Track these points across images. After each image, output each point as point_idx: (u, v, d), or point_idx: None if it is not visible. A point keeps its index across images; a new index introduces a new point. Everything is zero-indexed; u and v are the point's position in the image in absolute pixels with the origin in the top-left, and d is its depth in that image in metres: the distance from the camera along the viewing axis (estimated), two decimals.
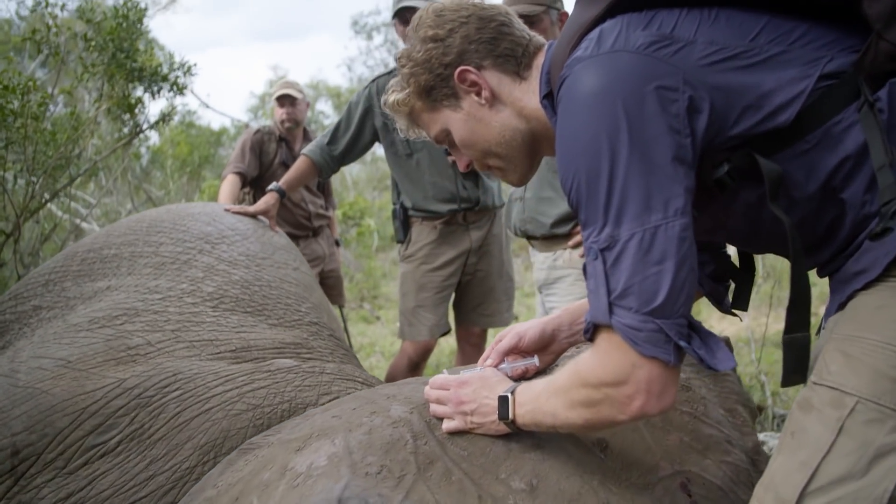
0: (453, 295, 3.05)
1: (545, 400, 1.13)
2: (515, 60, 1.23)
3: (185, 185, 7.94)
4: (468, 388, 1.24)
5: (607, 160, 0.98)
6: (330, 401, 1.62)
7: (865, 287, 1.01)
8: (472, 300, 3.06)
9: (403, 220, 2.93)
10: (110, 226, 2.36)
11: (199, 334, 1.78)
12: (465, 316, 3.12)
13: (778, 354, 4.36)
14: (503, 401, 1.18)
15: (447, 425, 1.25)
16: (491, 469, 1.20)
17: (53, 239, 5.70)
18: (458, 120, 1.26)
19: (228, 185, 3.58)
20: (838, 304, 1.06)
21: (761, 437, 2.72)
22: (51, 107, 4.87)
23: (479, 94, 1.23)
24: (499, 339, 1.39)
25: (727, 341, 1.58)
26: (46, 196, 4.43)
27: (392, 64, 2.85)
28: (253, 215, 2.54)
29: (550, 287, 2.28)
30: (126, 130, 4.69)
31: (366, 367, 5.29)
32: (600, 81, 1.00)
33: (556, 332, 1.37)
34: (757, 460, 1.39)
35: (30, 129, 3.89)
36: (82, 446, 1.46)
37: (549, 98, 1.18)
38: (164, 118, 4.62)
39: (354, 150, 2.86)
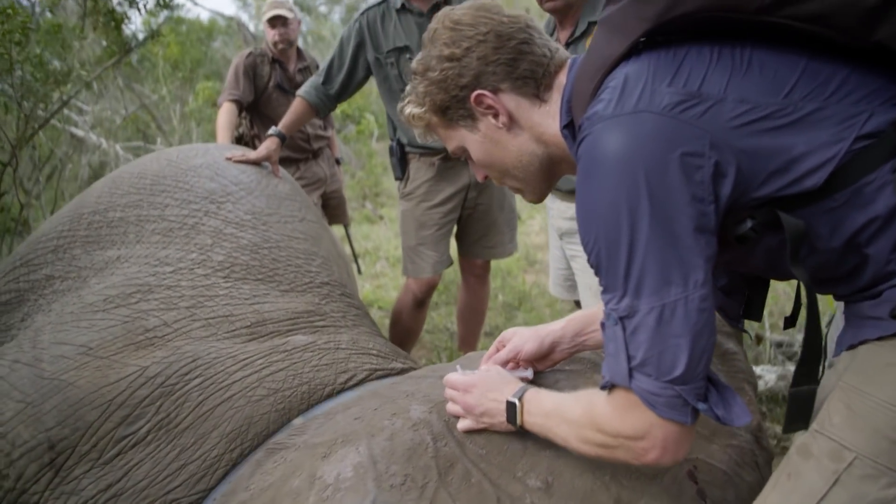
0: (455, 228, 3.05)
1: (556, 424, 1.15)
2: (535, 82, 1.17)
3: (178, 89, 7.75)
4: (474, 394, 1.26)
5: (627, 232, 0.95)
6: (347, 380, 1.67)
7: (879, 338, 1.01)
8: (474, 233, 3.06)
9: (401, 157, 2.89)
10: (112, 180, 2.33)
11: (214, 310, 1.80)
12: (468, 249, 3.12)
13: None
14: (511, 406, 1.21)
15: (461, 424, 1.28)
16: (508, 468, 1.24)
17: (56, 153, 5.63)
18: (474, 141, 1.23)
19: (225, 114, 3.51)
20: (849, 344, 1.06)
21: (758, 370, 2.79)
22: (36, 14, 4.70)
23: (496, 116, 1.19)
24: (498, 344, 1.40)
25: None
26: (42, 114, 4.33)
27: None
28: (255, 162, 2.51)
29: (574, 236, 2.26)
30: (115, 48, 4.53)
31: (372, 275, 5.40)
32: (622, 147, 0.95)
33: (556, 344, 1.37)
34: (759, 437, 1.44)
35: (15, 55, 3.77)
36: (113, 437, 1.51)
37: (570, 127, 1.14)
38: (153, 35, 4.46)
39: (350, 87, 2.78)
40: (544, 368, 1.40)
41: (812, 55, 0.99)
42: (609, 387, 1.05)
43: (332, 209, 4.04)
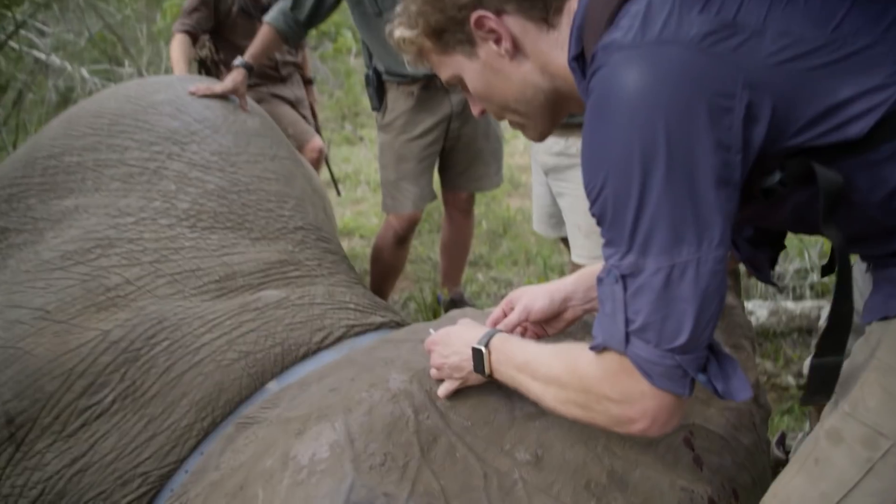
0: (437, 161, 2.91)
1: (530, 379, 1.07)
2: (544, 4, 1.02)
3: (144, 7, 7.36)
4: (440, 350, 1.20)
5: (638, 180, 0.83)
6: (323, 338, 1.59)
7: None
8: (458, 165, 2.92)
9: (378, 86, 2.71)
10: (68, 120, 2.17)
11: (180, 264, 1.69)
12: (452, 182, 2.99)
13: None
14: (477, 354, 1.14)
15: (441, 389, 1.22)
16: (495, 440, 1.18)
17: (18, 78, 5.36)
18: (472, 70, 1.09)
19: (178, 46, 3.27)
20: (882, 315, 0.96)
21: (749, 305, 2.73)
22: None
23: (497, 42, 1.05)
24: (505, 306, 1.31)
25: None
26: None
27: None
28: (221, 95, 2.34)
29: (562, 173, 2.13)
30: None
31: (353, 200, 5.27)
32: (641, 82, 0.82)
33: (567, 300, 1.26)
34: (757, 395, 1.38)
35: None
36: (76, 408, 1.43)
37: (580, 60, 0.99)
38: None
39: (320, 13, 2.58)
40: (556, 331, 1.31)
41: None
42: (600, 348, 0.95)
43: None
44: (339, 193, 4.13)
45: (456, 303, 3.22)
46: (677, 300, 0.85)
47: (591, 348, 0.96)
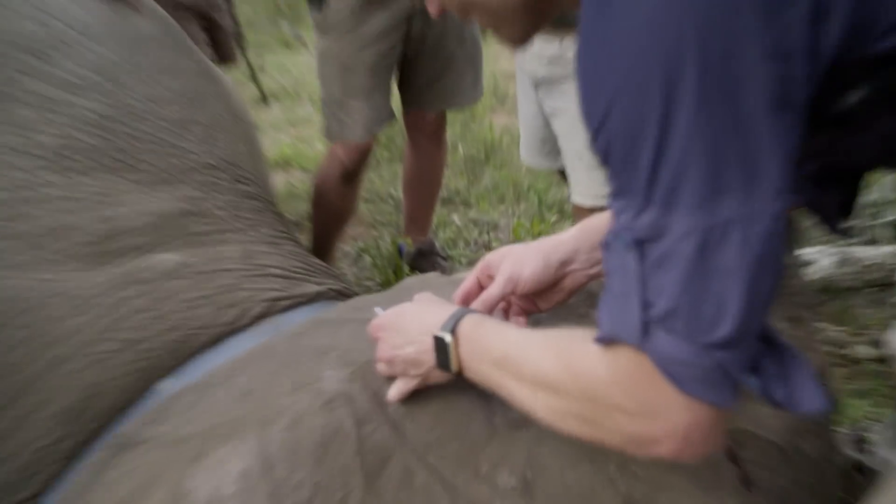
0: (396, 74, 2.76)
1: (513, 379, 0.98)
2: None
3: None
4: (388, 338, 1.14)
5: (659, 107, 0.72)
6: (236, 317, 1.50)
7: None
8: (424, 76, 2.77)
9: None
10: None
11: (41, 221, 1.56)
12: (416, 97, 2.85)
13: None
14: (440, 345, 1.06)
15: (392, 391, 1.15)
16: (468, 459, 1.10)
17: None
18: None
19: None
20: None
21: (811, 253, 2.63)
22: None
23: None
24: (481, 273, 1.22)
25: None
26: None
27: None
28: None
29: (556, 86, 2.03)
30: None
31: (291, 121, 5.15)
32: None
33: (567, 263, 1.19)
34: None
35: None
36: None
37: None
38: None
39: None
40: (552, 306, 1.24)
41: None
42: (607, 341, 0.85)
43: (219, 45, 3.73)
44: (265, 100, 3.98)
45: (424, 254, 3.16)
46: (717, 275, 0.74)
47: (597, 340, 0.85)
